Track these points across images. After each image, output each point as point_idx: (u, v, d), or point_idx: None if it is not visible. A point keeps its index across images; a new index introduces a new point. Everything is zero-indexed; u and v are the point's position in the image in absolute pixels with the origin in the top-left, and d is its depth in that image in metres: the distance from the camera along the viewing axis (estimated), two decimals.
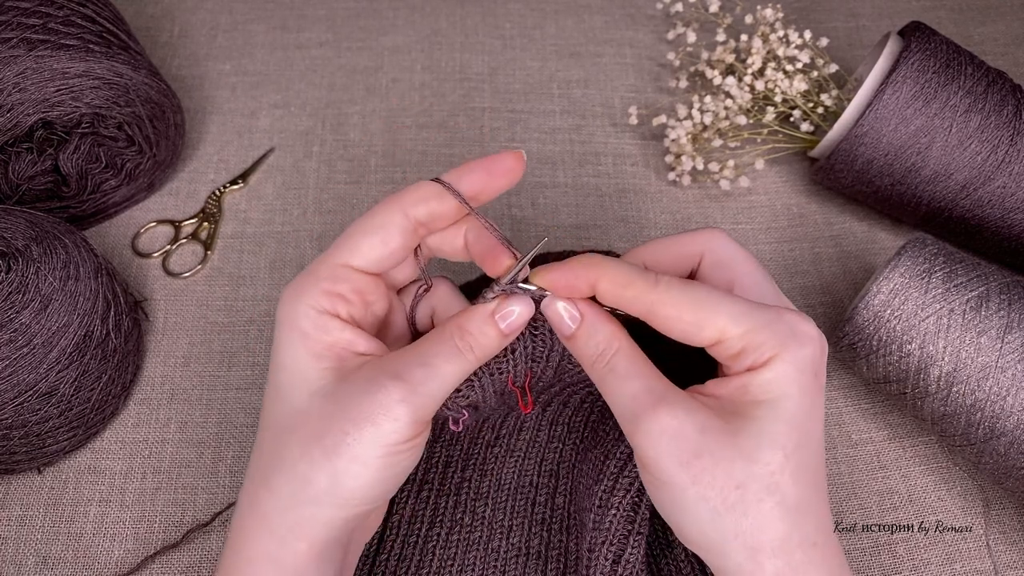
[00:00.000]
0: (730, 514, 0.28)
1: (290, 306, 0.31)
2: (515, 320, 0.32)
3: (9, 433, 0.41)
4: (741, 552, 0.28)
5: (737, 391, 0.29)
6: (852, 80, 0.59)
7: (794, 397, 0.28)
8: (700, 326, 0.29)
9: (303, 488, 0.29)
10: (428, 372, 0.30)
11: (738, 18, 0.67)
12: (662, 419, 0.28)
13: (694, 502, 0.28)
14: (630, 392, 0.30)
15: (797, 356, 0.29)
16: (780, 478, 0.28)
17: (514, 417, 0.41)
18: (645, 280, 0.30)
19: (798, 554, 0.28)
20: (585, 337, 0.31)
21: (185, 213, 0.56)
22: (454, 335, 0.31)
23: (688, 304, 0.29)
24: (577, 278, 0.31)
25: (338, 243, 0.32)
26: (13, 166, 0.48)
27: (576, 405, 0.40)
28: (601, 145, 0.61)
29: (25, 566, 0.42)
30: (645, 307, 0.30)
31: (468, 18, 0.68)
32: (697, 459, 0.28)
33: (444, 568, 0.39)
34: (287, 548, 0.29)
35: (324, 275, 0.31)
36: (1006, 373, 0.41)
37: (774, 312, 0.29)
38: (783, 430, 0.28)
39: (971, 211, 0.51)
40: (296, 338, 0.30)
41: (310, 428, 0.29)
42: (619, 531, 0.34)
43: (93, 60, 0.46)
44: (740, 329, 0.28)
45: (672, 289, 0.29)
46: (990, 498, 0.46)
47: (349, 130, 0.61)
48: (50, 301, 0.41)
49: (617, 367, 0.30)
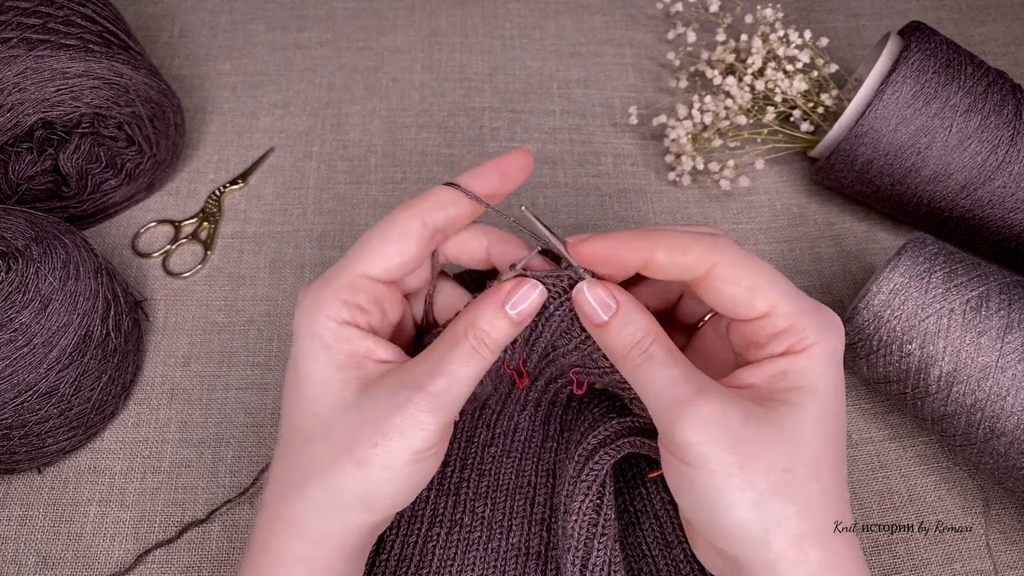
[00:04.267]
0: (777, 499, 0.27)
1: (310, 317, 0.31)
2: (527, 308, 0.31)
3: (9, 433, 0.41)
4: (785, 539, 0.27)
5: (774, 378, 0.29)
6: (852, 80, 0.59)
7: (830, 387, 0.29)
8: (756, 294, 0.29)
9: (335, 496, 0.30)
10: (449, 380, 0.30)
11: (738, 18, 0.67)
12: (707, 406, 0.28)
13: (739, 490, 0.27)
14: (671, 378, 0.29)
15: (835, 348, 0.29)
16: (822, 463, 0.28)
17: (507, 417, 0.41)
18: (704, 241, 0.29)
19: (838, 541, 0.28)
20: (619, 326, 0.30)
21: (185, 213, 0.56)
22: (468, 335, 0.31)
23: (749, 269, 0.29)
24: (630, 250, 0.30)
25: (355, 251, 0.32)
26: (13, 166, 0.48)
27: (563, 403, 0.41)
28: (601, 145, 0.61)
29: (25, 566, 0.42)
30: (703, 270, 0.29)
31: (468, 18, 0.68)
32: (744, 444, 0.27)
33: (444, 568, 0.39)
34: (319, 551, 0.30)
35: (342, 285, 0.31)
36: (1006, 373, 0.41)
37: (813, 302, 0.30)
38: (823, 416, 0.28)
39: (971, 211, 0.51)
40: (318, 349, 0.30)
41: (339, 438, 0.30)
42: (583, 535, 0.34)
43: (93, 60, 0.46)
44: (790, 307, 0.29)
45: (736, 250, 0.29)
46: (990, 498, 0.46)
47: (349, 130, 0.61)
48: (50, 301, 0.41)
49: (656, 355, 0.30)
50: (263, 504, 0.32)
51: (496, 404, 0.41)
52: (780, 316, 0.29)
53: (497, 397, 0.41)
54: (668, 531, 0.40)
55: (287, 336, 0.51)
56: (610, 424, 0.36)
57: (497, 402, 0.41)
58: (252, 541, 0.32)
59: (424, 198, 0.32)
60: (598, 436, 0.35)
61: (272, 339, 0.51)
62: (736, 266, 0.29)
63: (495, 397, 0.41)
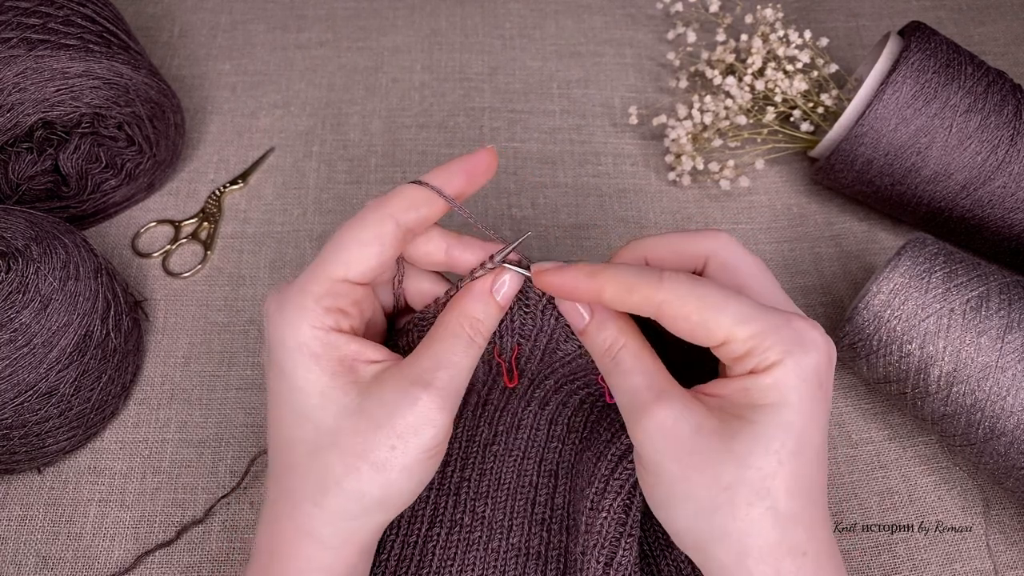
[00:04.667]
0: (716, 515, 0.28)
1: (293, 328, 0.30)
2: (507, 290, 0.33)
3: (9, 433, 0.41)
4: (727, 555, 0.28)
5: (738, 393, 0.29)
6: (852, 80, 0.59)
7: (794, 404, 0.28)
8: (707, 326, 0.29)
9: (355, 502, 0.30)
10: (451, 372, 0.31)
11: (738, 18, 0.67)
12: (659, 415, 0.29)
13: (682, 499, 0.28)
14: (632, 387, 0.30)
15: (801, 363, 0.28)
16: (772, 483, 0.28)
17: (510, 414, 0.41)
18: (648, 280, 0.29)
19: (787, 562, 0.28)
20: (594, 332, 0.32)
21: (185, 213, 0.56)
22: (464, 325, 0.32)
23: (695, 303, 0.29)
24: (578, 289, 0.31)
25: (329, 255, 0.31)
26: (13, 166, 0.48)
27: (576, 405, 0.40)
28: (601, 145, 0.61)
29: (25, 566, 0.42)
30: (652, 308, 0.29)
31: (468, 18, 0.68)
32: (689, 456, 0.28)
33: (444, 568, 0.39)
34: (339, 555, 0.31)
35: (323, 292, 0.30)
36: (1006, 373, 0.41)
37: (783, 317, 0.29)
38: (779, 436, 0.28)
39: (971, 211, 0.51)
40: (308, 360, 0.30)
41: (350, 445, 0.30)
42: (610, 533, 0.34)
43: (93, 60, 0.46)
44: (747, 332, 0.28)
45: (679, 287, 0.29)
46: (990, 498, 0.46)
47: (349, 130, 0.61)
48: (50, 301, 0.41)
49: (622, 362, 0.31)
50: (270, 515, 0.32)
51: (499, 401, 0.41)
52: (737, 342, 0.28)
53: (499, 393, 0.41)
54: None
55: None
56: None
57: (500, 399, 0.41)
58: (261, 550, 0.32)
59: (394, 197, 0.32)
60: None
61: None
62: (682, 302, 0.29)
63: (496, 392, 0.41)
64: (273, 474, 0.32)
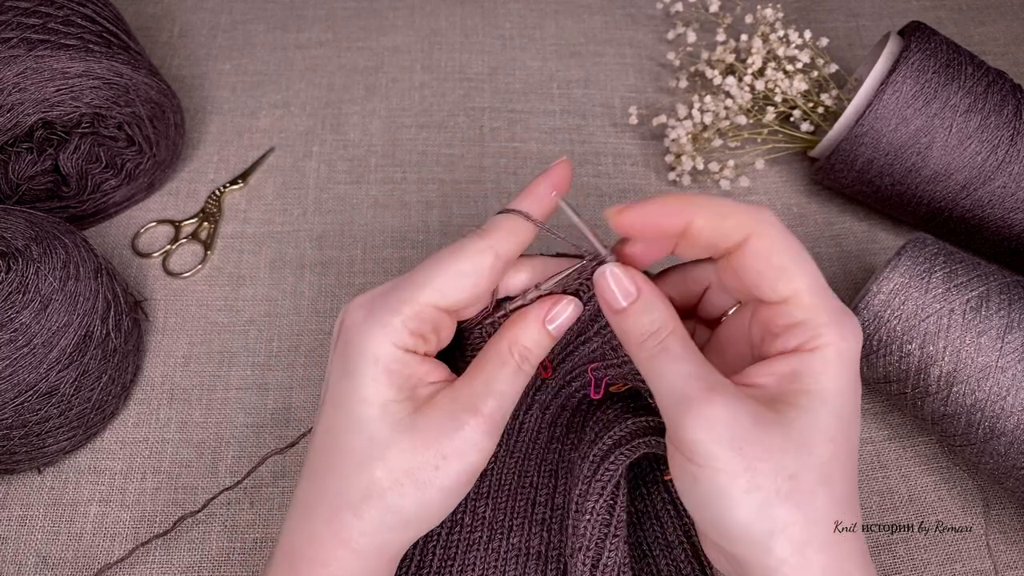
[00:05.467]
0: (782, 504, 0.27)
1: (376, 340, 0.30)
2: (563, 320, 0.33)
3: (9, 433, 0.41)
4: (788, 545, 0.27)
5: (785, 378, 0.29)
6: (852, 80, 0.59)
7: (844, 391, 0.28)
8: (783, 275, 0.28)
9: (393, 515, 0.30)
10: (500, 401, 0.31)
11: (738, 18, 0.67)
12: (717, 405, 0.27)
13: (744, 492, 0.27)
14: (684, 373, 0.29)
15: (852, 350, 0.28)
16: (830, 470, 0.28)
17: (512, 416, 0.41)
18: (748, 209, 0.29)
19: (844, 547, 0.28)
20: (638, 313, 0.30)
21: (185, 213, 0.56)
22: (513, 353, 0.32)
23: (783, 248, 0.28)
24: (669, 215, 0.29)
25: (424, 277, 0.31)
26: (13, 166, 0.48)
27: (574, 408, 0.41)
28: (601, 145, 0.61)
29: (25, 566, 0.42)
30: (741, 237, 0.29)
31: (468, 18, 0.68)
32: (751, 447, 0.27)
33: (444, 568, 0.39)
34: (370, 564, 0.31)
35: (411, 315, 0.31)
36: (1006, 373, 0.41)
37: (838, 302, 0.29)
38: (833, 422, 0.28)
39: (971, 211, 0.51)
40: (380, 373, 0.30)
41: (398, 461, 0.30)
42: (595, 535, 0.34)
43: (93, 60, 0.46)
44: (812, 299, 0.28)
45: (775, 226, 0.29)
46: (990, 498, 0.46)
47: (349, 130, 0.61)
48: (50, 301, 0.41)
49: (672, 348, 0.29)
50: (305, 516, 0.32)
51: None
52: (799, 306, 0.28)
53: None
54: (669, 531, 0.40)
55: (287, 336, 0.51)
56: (626, 424, 0.36)
57: None
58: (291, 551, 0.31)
59: (496, 229, 0.32)
60: (614, 436, 0.35)
61: (272, 339, 0.51)
62: (771, 241, 0.29)
63: None
64: (311, 476, 0.32)
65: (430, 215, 0.56)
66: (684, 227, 0.29)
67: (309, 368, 0.50)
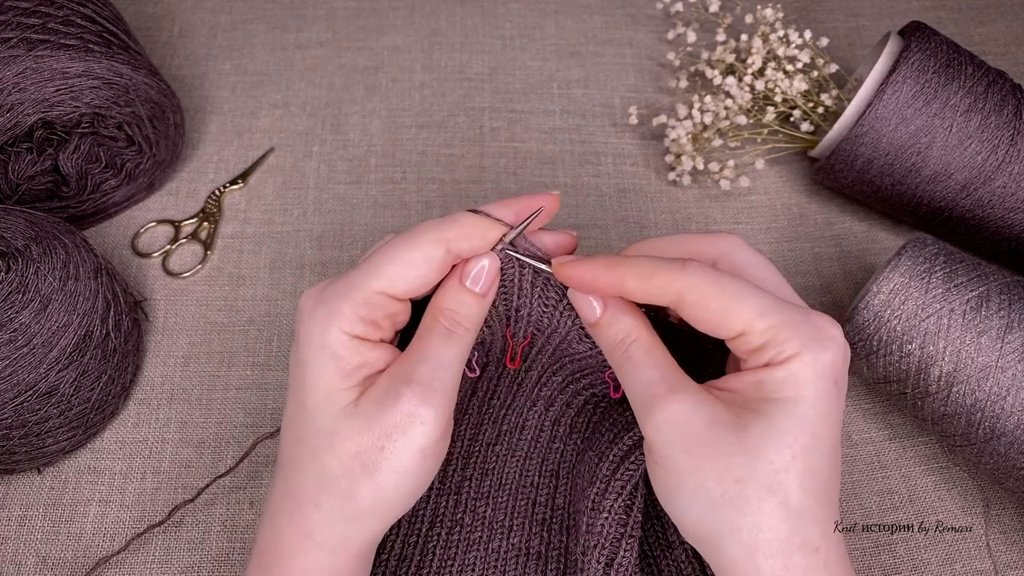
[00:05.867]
0: (727, 508, 0.27)
1: (321, 327, 0.31)
2: (484, 275, 0.33)
3: (9, 433, 0.41)
4: (737, 549, 0.28)
5: (751, 386, 0.29)
6: (852, 80, 0.59)
7: (809, 399, 0.28)
8: (726, 316, 0.29)
9: (350, 504, 0.30)
10: (433, 366, 0.31)
11: (738, 18, 0.67)
12: (671, 407, 0.29)
13: (693, 492, 0.28)
14: (644, 379, 0.30)
15: (818, 358, 0.28)
16: (784, 478, 0.27)
17: (515, 413, 0.41)
18: (670, 268, 0.30)
19: (797, 558, 0.27)
20: (606, 325, 0.32)
21: (185, 213, 0.56)
22: (436, 318, 0.32)
23: (716, 291, 0.29)
24: (599, 279, 0.31)
25: (373, 266, 0.31)
26: (13, 166, 0.48)
27: (579, 406, 0.40)
28: (601, 145, 0.61)
29: (25, 566, 0.42)
30: (672, 296, 0.29)
31: (468, 18, 0.68)
32: (700, 448, 0.28)
33: (444, 568, 0.39)
34: (337, 558, 0.31)
35: (360, 301, 0.31)
36: (1006, 373, 0.41)
37: (801, 312, 0.29)
38: (793, 430, 0.28)
39: (971, 211, 0.51)
40: (327, 360, 0.30)
41: (345, 448, 0.30)
42: (611, 534, 0.34)
43: (93, 60, 0.46)
44: (765, 323, 0.28)
45: (701, 275, 0.29)
46: (990, 498, 0.46)
47: (349, 130, 0.61)
48: (50, 301, 0.41)
49: (634, 355, 0.31)
50: (273, 512, 0.32)
51: (506, 397, 0.41)
52: (754, 333, 0.29)
53: (506, 387, 0.41)
54: (670, 532, 0.40)
55: (287, 336, 0.51)
56: None
57: (507, 395, 0.41)
58: (263, 549, 0.32)
59: (451, 225, 0.32)
60: (635, 437, 0.35)
61: (272, 339, 0.51)
62: (701, 291, 0.29)
63: (503, 385, 0.41)
64: (280, 471, 0.32)
65: (430, 215, 0.56)
66: (618, 288, 0.31)
67: None
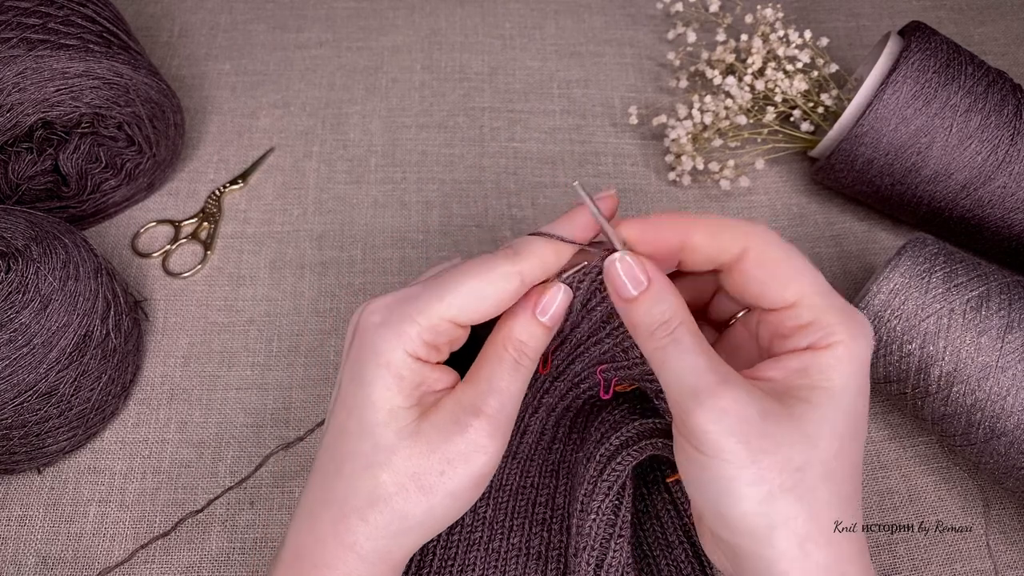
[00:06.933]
0: (786, 498, 0.27)
1: (388, 347, 0.30)
2: (555, 310, 0.32)
3: (9, 433, 0.41)
4: (790, 538, 0.27)
5: (795, 374, 0.29)
6: (852, 80, 0.59)
7: (852, 389, 0.28)
8: (785, 282, 0.29)
9: (399, 521, 0.30)
10: (502, 398, 0.31)
11: (738, 18, 0.67)
12: (727, 396, 0.28)
13: (749, 484, 0.27)
14: (694, 366, 0.29)
15: (862, 349, 0.29)
16: (837, 466, 0.28)
17: (518, 419, 0.41)
18: (739, 223, 0.30)
19: (844, 544, 0.28)
20: (649, 303, 0.30)
21: (185, 213, 0.56)
22: (508, 348, 0.32)
23: (782, 255, 0.29)
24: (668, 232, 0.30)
25: (445, 292, 0.31)
26: (13, 166, 0.48)
27: (578, 408, 0.40)
28: (601, 145, 0.61)
29: (25, 566, 0.42)
30: (739, 250, 0.29)
31: (468, 18, 0.68)
32: (759, 439, 0.27)
33: (444, 568, 0.39)
34: (375, 569, 0.31)
35: (428, 327, 0.30)
36: (1006, 373, 0.41)
37: (845, 302, 0.30)
38: (841, 419, 0.28)
39: (971, 211, 0.51)
40: (391, 380, 0.30)
41: (403, 467, 0.30)
42: (600, 535, 0.34)
43: (93, 60, 0.46)
44: (818, 301, 0.29)
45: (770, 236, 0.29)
46: (990, 498, 0.46)
47: (349, 130, 0.61)
48: (50, 301, 0.41)
49: (683, 339, 0.29)
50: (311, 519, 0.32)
51: None
52: (807, 308, 0.29)
53: None
54: (670, 532, 0.40)
55: (287, 336, 0.51)
56: (633, 425, 0.36)
57: None
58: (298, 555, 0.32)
59: (528, 255, 0.31)
60: (621, 437, 0.35)
61: (272, 339, 0.51)
62: (769, 251, 0.29)
63: None
64: (320, 478, 0.32)
65: (430, 215, 0.56)
66: (682, 243, 0.30)
67: (309, 368, 0.50)
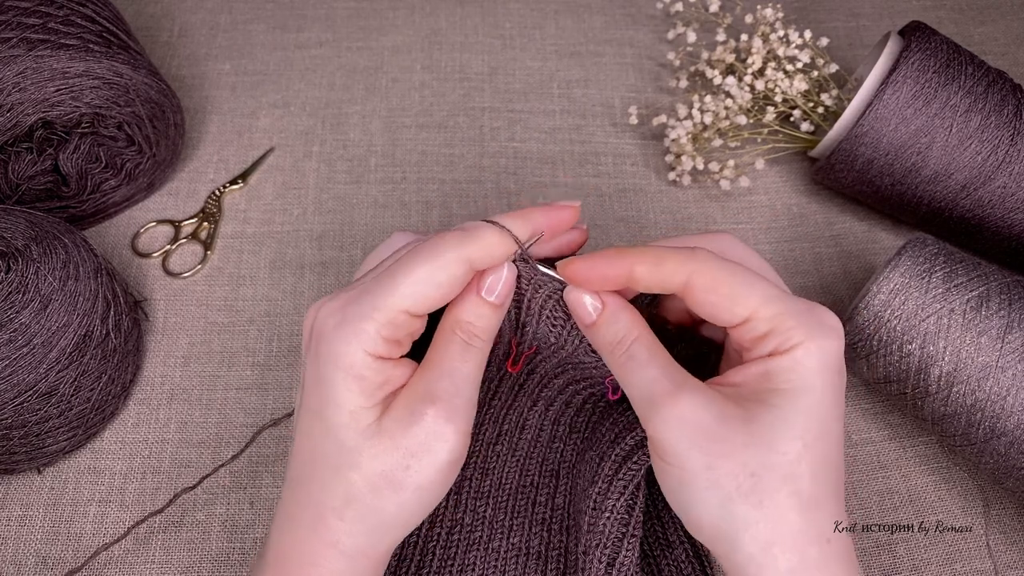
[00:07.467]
0: (743, 502, 0.27)
1: (344, 347, 0.30)
2: (503, 288, 0.32)
3: (9, 433, 0.41)
4: (753, 544, 0.27)
5: (757, 378, 0.29)
6: (852, 80, 0.59)
7: (816, 388, 0.28)
8: (734, 301, 0.29)
9: (375, 516, 0.31)
10: (454, 381, 0.31)
11: (738, 18, 0.67)
12: (681, 404, 0.28)
13: (706, 489, 0.28)
14: (649, 377, 0.30)
15: (824, 348, 0.28)
16: (797, 469, 0.27)
17: (516, 412, 0.41)
18: (679, 253, 0.30)
19: (813, 550, 0.27)
20: (606, 325, 0.32)
21: (185, 213, 0.56)
22: (456, 332, 0.32)
23: (725, 276, 0.29)
24: (610, 269, 0.31)
25: (397, 285, 0.30)
26: (13, 166, 0.48)
27: (579, 405, 0.40)
28: (601, 145, 0.61)
29: (25, 566, 0.42)
30: (683, 279, 0.30)
31: (468, 18, 0.68)
32: (713, 444, 0.28)
33: (444, 568, 0.39)
34: (357, 565, 0.31)
35: (384, 322, 0.30)
36: (1006, 373, 0.41)
37: (804, 303, 0.30)
38: (802, 420, 0.28)
39: (971, 211, 0.51)
40: (351, 380, 0.30)
41: (372, 465, 0.30)
42: (613, 534, 0.34)
43: (93, 60, 0.46)
44: (771, 310, 0.28)
45: (709, 260, 0.30)
46: (990, 498, 0.46)
47: (349, 130, 0.61)
48: (50, 301, 0.41)
49: (637, 354, 0.31)
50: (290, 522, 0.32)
51: (507, 398, 0.41)
52: (761, 320, 0.29)
53: (508, 388, 0.41)
54: (670, 532, 0.40)
55: (287, 336, 0.51)
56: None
57: (508, 395, 0.41)
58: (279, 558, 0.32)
59: (472, 240, 0.31)
60: (636, 437, 0.35)
61: (272, 339, 0.51)
62: (712, 275, 0.29)
63: (505, 386, 0.41)
64: (294, 481, 0.32)
65: (430, 215, 0.56)
66: (627, 276, 0.31)
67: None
